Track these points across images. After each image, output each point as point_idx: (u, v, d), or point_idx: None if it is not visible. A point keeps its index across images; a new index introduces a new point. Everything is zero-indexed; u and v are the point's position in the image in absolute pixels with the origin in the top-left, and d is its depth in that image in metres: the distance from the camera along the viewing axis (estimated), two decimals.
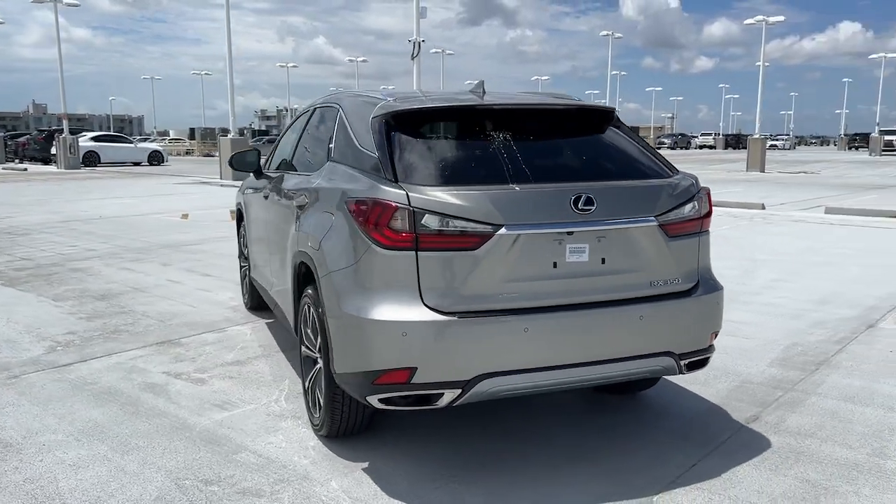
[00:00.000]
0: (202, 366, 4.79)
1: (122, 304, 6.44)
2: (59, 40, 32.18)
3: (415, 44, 19.40)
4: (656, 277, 3.26)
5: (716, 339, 3.51)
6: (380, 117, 3.41)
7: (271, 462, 3.42)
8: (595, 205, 3.07)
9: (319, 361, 3.62)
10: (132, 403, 4.13)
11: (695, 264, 3.40)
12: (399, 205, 2.96)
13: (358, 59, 63.74)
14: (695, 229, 3.39)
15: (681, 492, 3.14)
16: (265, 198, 4.92)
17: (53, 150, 32.88)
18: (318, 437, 3.67)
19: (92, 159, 33.64)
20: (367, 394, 3.08)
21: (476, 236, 2.96)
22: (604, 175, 3.32)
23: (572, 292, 3.11)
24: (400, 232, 2.96)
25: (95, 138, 35.97)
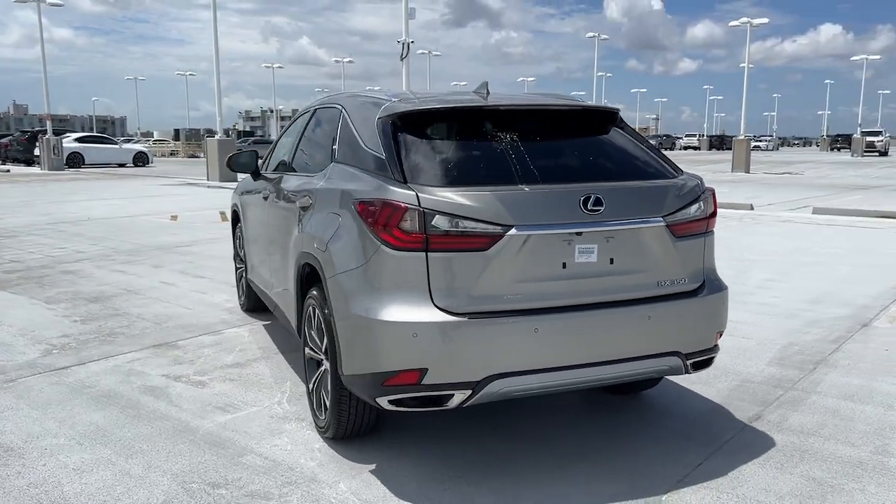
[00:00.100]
0: (201, 368, 4.76)
1: (117, 306, 6.39)
2: (42, 40, 31.87)
3: (404, 45, 19.37)
4: (663, 278, 3.28)
5: (720, 339, 3.54)
6: (385, 118, 3.40)
7: (278, 464, 3.40)
8: (604, 205, 3.08)
9: (324, 363, 3.61)
10: (133, 406, 4.10)
11: (700, 264, 3.42)
12: (409, 206, 2.95)
13: (344, 59, 63.67)
14: (700, 229, 3.41)
15: (689, 491, 3.16)
16: (264, 199, 4.89)
17: (37, 152, 32.55)
18: (323, 439, 3.65)
19: (76, 160, 33.33)
20: (376, 395, 3.06)
21: (486, 237, 2.96)
22: (611, 175, 3.33)
23: (581, 293, 3.12)
24: (410, 233, 2.95)
25: (79, 139, 35.66)
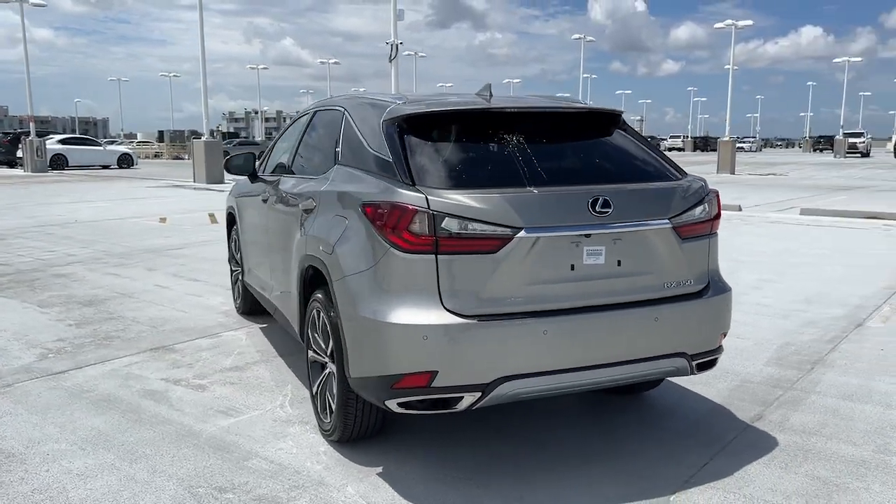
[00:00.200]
0: (201, 372, 4.73)
1: (111, 310, 6.33)
2: (25, 41, 31.51)
3: (393, 46, 19.34)
4: (669, 279, 3.30)
5: (724, 340, 3.56)
6: (390, 120, 3.40)
7: (284, 468, 3.39)
8: (612, 207, 3.09)
9: (329, 366, 3.60)
10: (133, 411, 4.07)
11: (705, 266, 3.44)
12: (418, 208, 2.95)
13: (329, 61, 63.36)
14: (705, 231, 3.43)
15: (696, 491, 3.17)
16: (264, 202, 4.86)
17: (20, 154, 32.17)
18: (328, 443, 3.64)
19: (59, 162, 33.01)
20: (385, 398, 3.06)
21: (496, 239, 2.96)
22: (617, 177, 3.34)
23: (589, 294, 3.13)
24: (420, 235, 2.95)
25: (63, 141, 35.31)
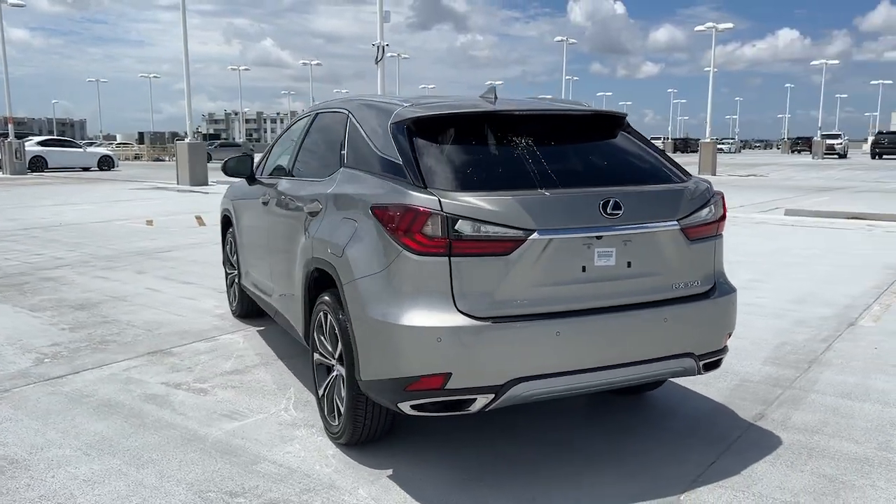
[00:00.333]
0: (201, 375, 4.70)
1: (104, 313, 6.27)
2: (3, 42, 31.12)
3: (379, 48, 19.33)
4: (678, 280, 3.33)
5: (729, 340, 3.60)
6: (399, 123, 3.41)
7: (293, 472, 3.38)
8: (622, 209, 3.11)
9: (335, 369, 3.60)
10: (136, 415, 4.03)
11: (711, 267, 3.48)
12: (431, 210, 2.95)
13: (312, 62, 63.05)
14: (711, 232, 3.46)
15: (705, 490, 3.20)
16: (264, 204, 4.84)
17: None
18: (336, 445, 3.63)
19: (39, 164, 32.60)
20: (398, 400, 3.06)
21: (509, 241, 2.98)
22: (626, 179, 3.37)
23: (600, 296, 3.15)
24: (433, 238, 2.95)
25: (42, 143, 34.88)
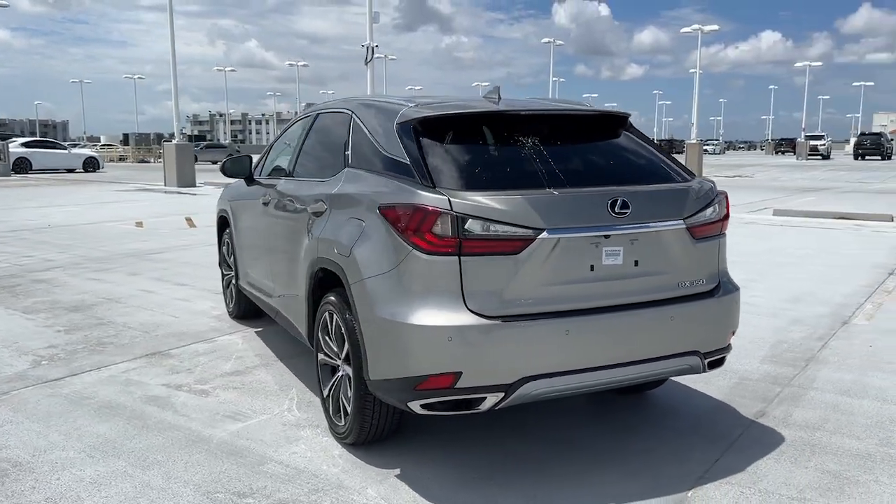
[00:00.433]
0: (201, 377, 4.68)
1: (99, 315, 6.23)
2: None
3: (368, 49, 19.31)
4: (683, 279, 3.35)
5: (732, 338, 3.63)
6: (405, 123, 3.41)
7: (300, 472, 3.37)
8: (630, 208, 3.14)
9: (341, 369, 3.60)
10: (138, 417, 4.01)
11: (716, 266, 3.51)
12: (441, 210, 2.96)
13: (298, 63, 62.87)
14: (715, 231, 3.49)
15: (711, 487, 3.23)
16: (264, 205, 4.83)
17: None
18: (342, 445, 3.63)
19: (23, 166, 32.29)
20: (408, 399, 3.06)
21: (519, 240, 2.99)
22: (632, 179, 3.39)
23: (609, 294, 3.17)
24: (443, 237, 2.96)
25: (26, 144, 34.60)
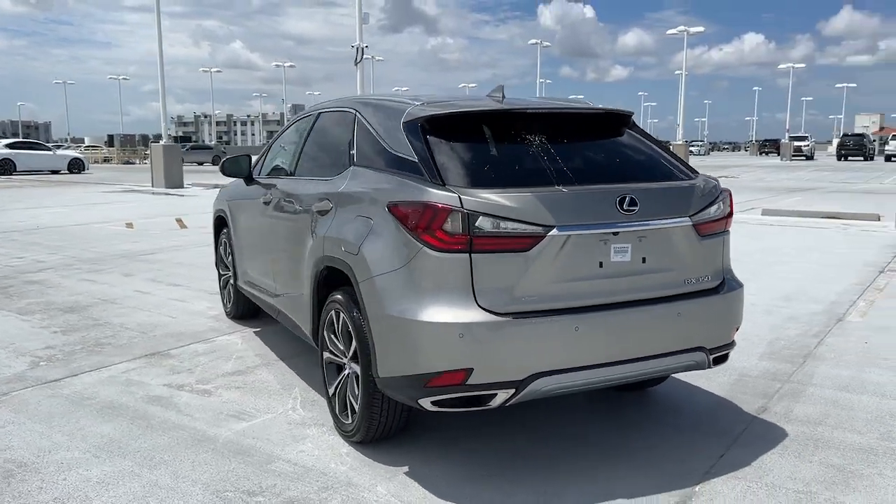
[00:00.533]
0: (202, 377, 4.66)
1: (95, 316, 6.19)
2: None
3: (358, 49, 19.29)
4: (690, 275, 3.39)
5: (736, 334, 3.67)
6: (412, 121, 3.42)
7: (309, 470, 3.37)
8: (638, 205, 3.16)
9: (347, 367, 3.60)
10: (142, 417, 3.99)
11: (720, 263, 3.54)
12: (452, 207, 2.97)
13: (285, 64, 62.72)
14: (720, 229, 3.53)
15: (719, 481, 3.26)
16: (265, 204, 4.82)
17: None
18: (349, 444, 3.63)
19: (7, 167, 32.01)
20: (419, 396, 3.07)
21: (528, 237, 3.01)
22: (639, 176, 3.42)
23: (617, 291, 3.19)
24: (453, 234, 2.97)
25: (10, 145, 34.29)
